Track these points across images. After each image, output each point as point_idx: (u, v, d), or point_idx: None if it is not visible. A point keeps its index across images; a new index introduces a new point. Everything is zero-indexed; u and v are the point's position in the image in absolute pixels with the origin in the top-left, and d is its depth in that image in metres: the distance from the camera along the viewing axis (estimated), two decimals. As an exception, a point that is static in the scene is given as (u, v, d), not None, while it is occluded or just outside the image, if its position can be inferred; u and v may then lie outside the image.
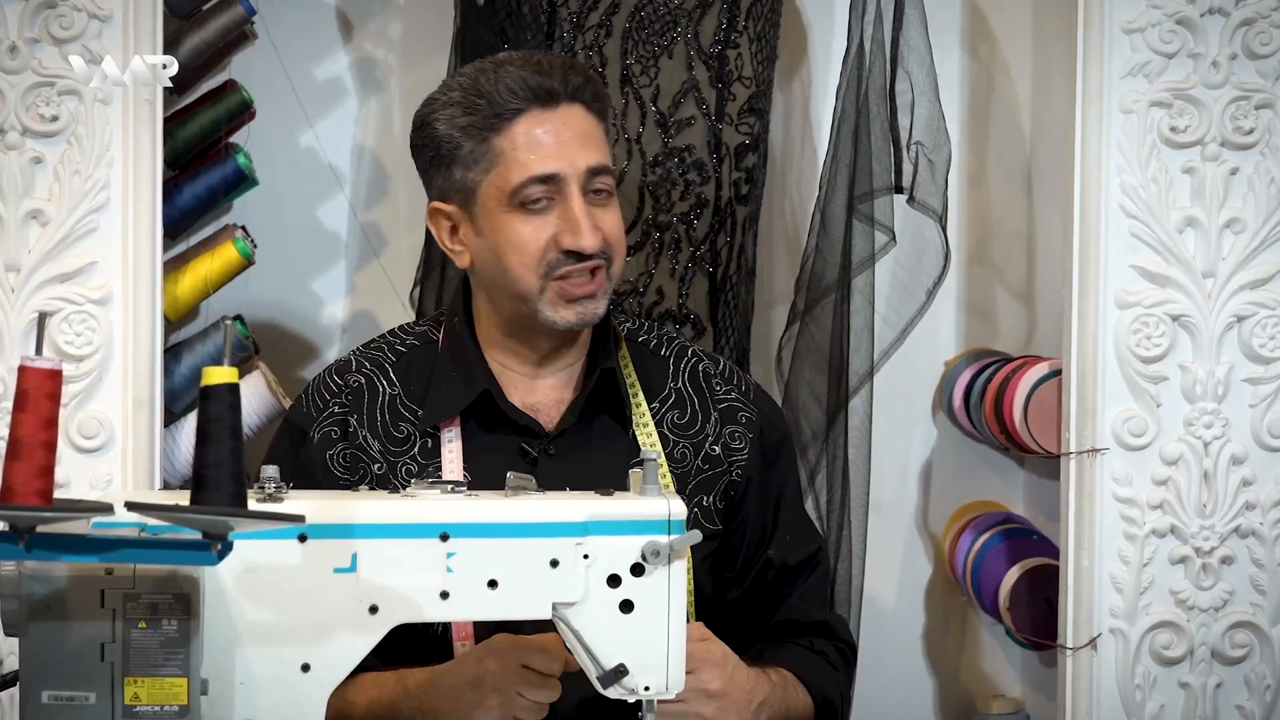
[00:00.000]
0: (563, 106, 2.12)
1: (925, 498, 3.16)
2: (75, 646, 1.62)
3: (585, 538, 1.77)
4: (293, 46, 2.97)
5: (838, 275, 2.81)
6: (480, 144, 2.11)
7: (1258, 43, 2.56)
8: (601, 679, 1.80)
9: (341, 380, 2.21)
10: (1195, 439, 2.57)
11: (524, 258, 2.10)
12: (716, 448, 2.21)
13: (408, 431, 2.17)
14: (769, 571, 2.23)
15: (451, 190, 2.16)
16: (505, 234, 2.11)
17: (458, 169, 2.13)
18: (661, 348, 2.27)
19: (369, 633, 1.74)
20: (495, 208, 2.12)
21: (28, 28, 2.46)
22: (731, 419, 2.23)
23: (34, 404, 1.49)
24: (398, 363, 2.22)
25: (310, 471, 2.16)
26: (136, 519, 1.59)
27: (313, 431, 2.18)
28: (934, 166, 2.75)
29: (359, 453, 2.16)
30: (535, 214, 2.10)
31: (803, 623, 2.24)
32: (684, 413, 2.22)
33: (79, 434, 2.47)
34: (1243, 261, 2.57)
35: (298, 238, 3.07)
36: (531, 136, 2.10)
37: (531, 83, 2.11)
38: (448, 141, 2.13)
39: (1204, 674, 2.58)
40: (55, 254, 2.47)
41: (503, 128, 2.11)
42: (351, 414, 2.17)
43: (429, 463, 2.14)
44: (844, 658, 2.26)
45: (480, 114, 2.11)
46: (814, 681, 2.17)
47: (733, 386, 2.26)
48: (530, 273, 2.11)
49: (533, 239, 2.10)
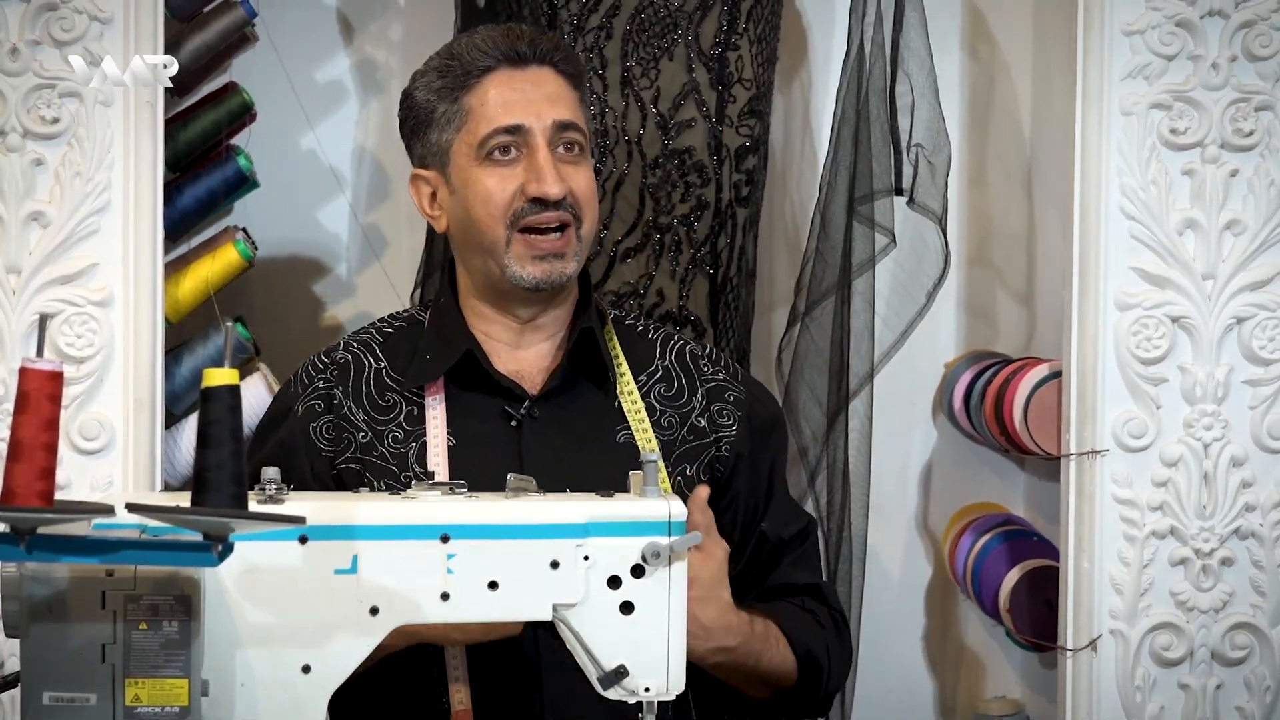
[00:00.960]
0: (532, 67, 2.17)
1: (925, 499, 3.16)
2: (76, 648, 1.62)
3: (585, 539, 1.77)
4: (293, 48, 2.97)
5: (838, 277, 2.81)
6: (452, 104, 2.17)
7: (1257, 45, 2.56)
8: (602, 680, 1.80)
9: (328, 358, 2.23)
10: (1195, 440, 2.57)
11: (490, 208, 2.14)
12: (703, 420, 2.23)
13: (393, 400, 2.18)
14: (764, 546, 2.25)
15: (429, 155, 2.21)
16: (473, 187, 2.16)
17: (434, 132, 2.19)
18: (648, 332, 2.30)
19: (370, 634, 1.74)
20: (466, 164, 2.16)
21: (29, 30, 2.46)
22: (719, 397, 2.25)
23: (35, 406, 1.49)
24: (385, 342, 2.24)
25: (288, 444, 2.17)
26: (137, 520, 1.59)
27: (297, 405, 2.19)
28: (934, 168, 2.75)
29: (343, 423, 2.17)
30: (502, 165, 2.14)
31: (795, 585, 2.24)
32: (671, 386, 2.24)
33: (80, 436, 2.47)
34: (1242, 263, 2.57)
35: (298, 240, 3.07)
36: (500, 93, 2.15)
37: (501, 44, 2.16)
38: (424, 107, 2.19)
39: (1204, 675, 2.58)
40: (56, 256, 2.48)
41: (472, 85, 2.16)
42: (336, 386, 2.19)
43: (414, 429, 2.16)
44: (834, 621, 2.25)
45: (452, 75, 2.17)
46: (797, 636, 2.16)
47: (720, 368, 2.28)
48: (497, 223, 2.14)
49: (498, 189, 2.14)
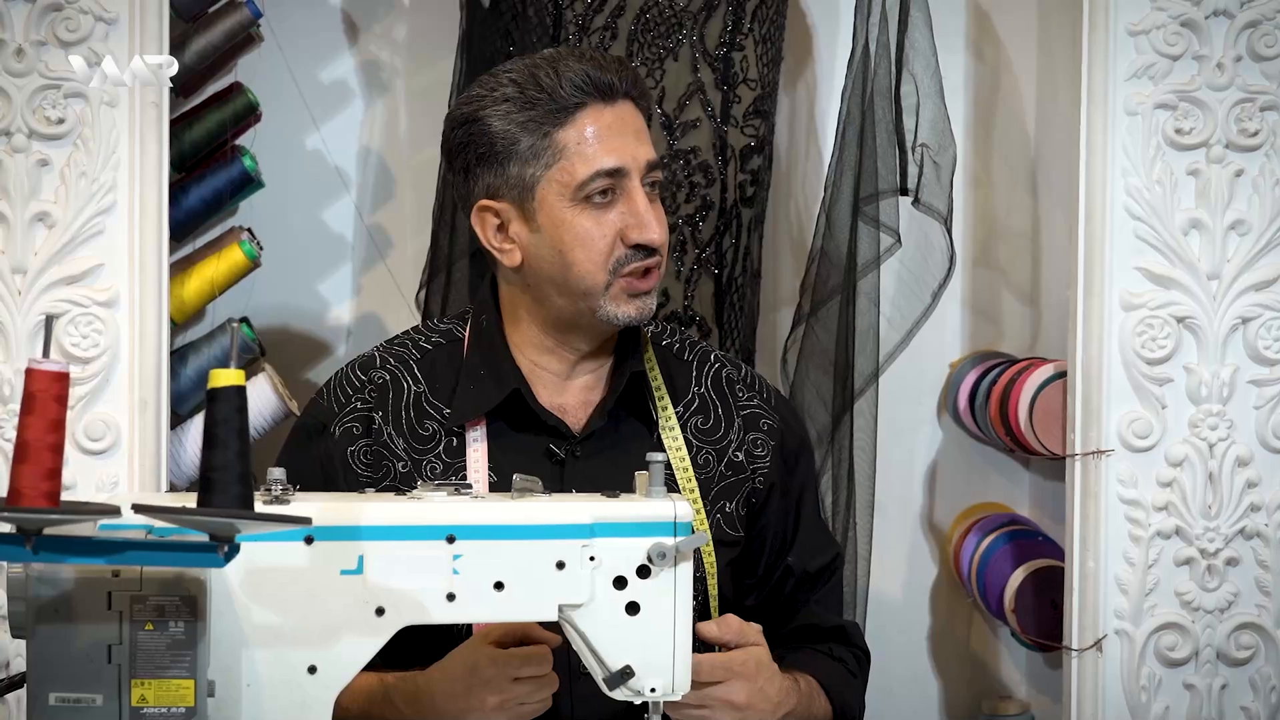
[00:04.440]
0: (620, 102, 2.10)
1: (930, 499, 3.16)
2: (82, 648, 1.63)
3: (591, 539, 1.76)
4: (298, 49, 2.97)
5: (843, 277, 2.81)
6: (541, 138, 2.08)
7: (1262, 45, 2.56)
8: (607, 680, 1.80)
9: (365, 376, 2.18)
10: (1200, 441, 2.57)
11: (591, 253, 2.08)
12: (740, 454, 2.19)
13: (433, 430, 2.14)
14: (789, 579, 2.23)
15: (504, 187, 2.11)
16: (570, 229, 2.08)
17: (514, 164, 2.09)
18: (685, 352, 2.26)
19: (375, 634, 1.74)
20: (557, 203, 2.09)
21: (34, 30, 2.46)
22: (754, 426, 2.21)
23: (41, 406, 1.49)
24: (422, 359, 2.19)
25: (329, 467, 2.13)
26: (143, 521, 1.60)
27: (334, 426, 2.14)
28: (939, 168, 2.75)
29: (383, 450, 2.13)
30: (599, 208, 2.08)
31: (821, 627, 2.23)
32: (707, 418, 2.20)
33: (86, 436, 2.47)
34: (1247, 263, 2.57)
35: (304, 240, 3.07)
36: (596, 131, 2.08)
37: (594, 76, 2.08)
38: (504, 137, 2.09)
39: (1209, 675, 2.58)
40: (62, 256, 2.48)
41: (566, 121, 2.08)
42: (376, 410, 2.14)
43: (454, 461, 2.12)
44: (860, 665, 2.26)
45: (541, 108, 2.08)
46: (834, 689, 2.17)
47: (755, 393, 2.25)
48: (598, 269, 2.08)
49: (599, 234, 2.08)
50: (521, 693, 1.94)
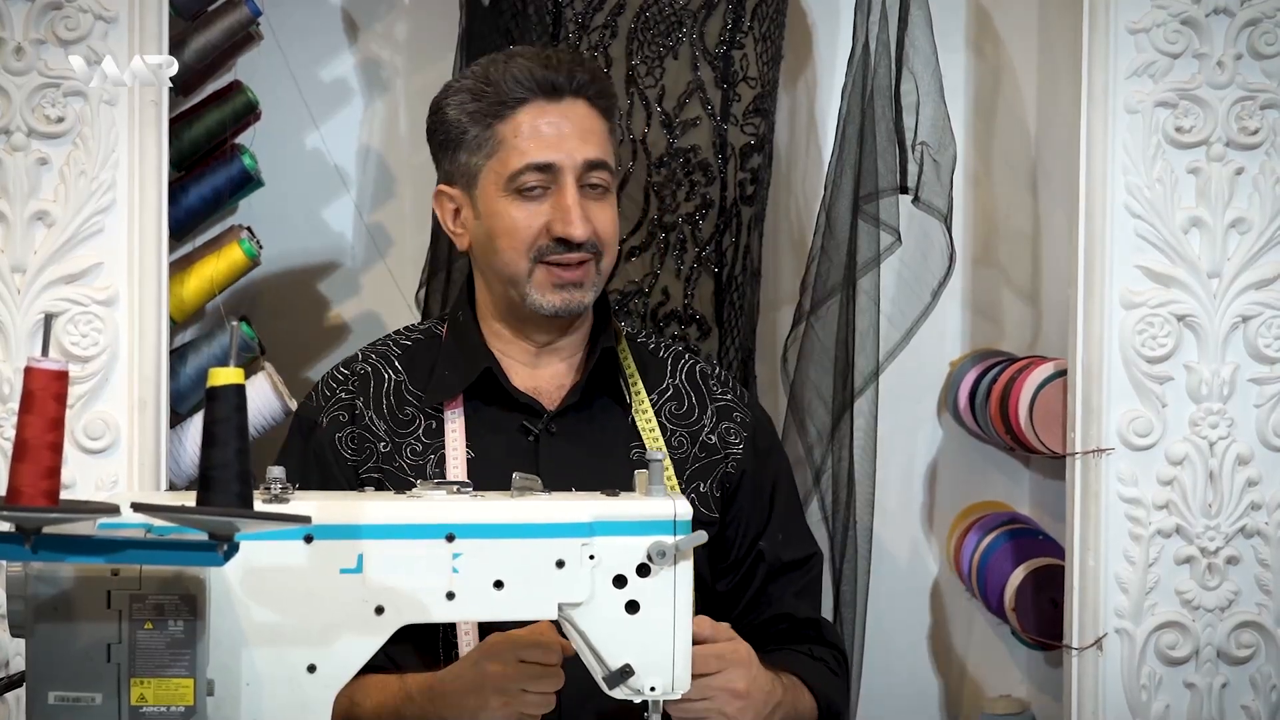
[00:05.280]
0: (566, 100, 2.19)
1: (930, 498, 3.16)
2: (82, 647, 1.63)
3: (591, 538, 1.77)
4: (298, 47, 2.97)
5: (843, 276, 2.81)
6: (484, 130, 2.19)
7: (1263, 43, 2.56)
8: (607, 679, 1.80)
9: (348, 370, 2.28)
10: (1201, 439, 2.57)
11: (515, 242, 2.18)
12: (713, 437, 2.27)
13: (412, 414, 2.22)
14: (760, 565, 2.27)
15: (456, 174, 2.23)
16: (500, 218, 2.18)
17: (463, 153, 2.21)
18: (660, 350, 2.34)
19: (375, 633, 1.74)
20: (493, 192, 2.19)
21: (33, 29, 2.46)
22: (727, 416, 2.29)
23: (40, 405, 1.49)
24: (403, 355, 2.29)
25: (320, 456, 2.22)
26: (142, 520, 1.59)
27: (321, 418, 2.24)
28: (939, 167, 2.75)
29: (365, 433, 2.21)
30: (530, 200, 2.17)
31: (795, 617, 2.27)
32: (681, 404, 2.28)
33: (85, 435, 2.47)
34: (1248, 262, 2.57)
35: (303, 239, 3.07)
36: (533, 126, 2.17)
37: (538, 74, 2.18)
38: (455, 126, 2.21)
39: (1209, 674, 2.58)
40: (61, 255, 2.48)
41: (506, 115, 2.18)
42: (358, 398, 2.24)
43: (433, 442, 2.20)
44: (840, 663, 2.30)
45: (486, 100, 2.18)
46: (819, 688, 2.21)
47: (728, 389, 2.33)
48: (520, 257, 2.18)
49: (525, 224, 2.17)
50: (527, 684, 1.96)
